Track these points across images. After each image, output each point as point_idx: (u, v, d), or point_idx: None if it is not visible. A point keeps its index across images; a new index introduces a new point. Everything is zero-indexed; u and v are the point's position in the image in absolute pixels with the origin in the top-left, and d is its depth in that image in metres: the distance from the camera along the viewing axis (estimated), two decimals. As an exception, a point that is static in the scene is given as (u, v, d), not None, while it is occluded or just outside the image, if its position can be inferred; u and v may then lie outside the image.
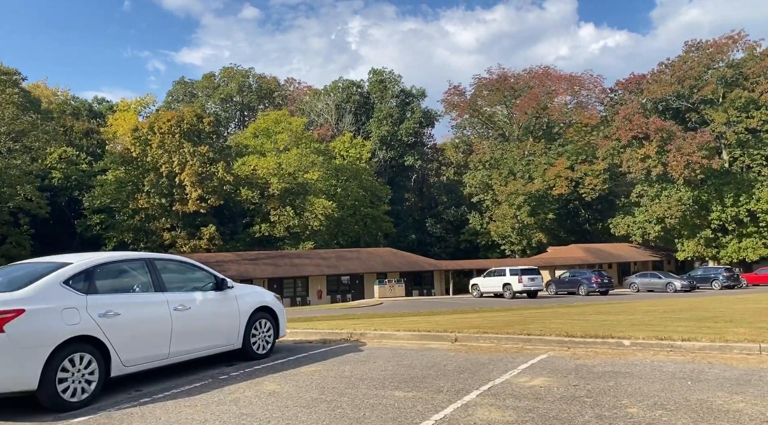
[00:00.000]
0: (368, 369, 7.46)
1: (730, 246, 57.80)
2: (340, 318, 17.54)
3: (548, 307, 22.38)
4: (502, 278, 33.63)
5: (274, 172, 48.27)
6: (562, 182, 61.99)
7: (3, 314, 5.60)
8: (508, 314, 17.21)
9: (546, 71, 66.00)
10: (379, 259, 45.76)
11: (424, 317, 17.04)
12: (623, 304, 22.48)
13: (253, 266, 41.12)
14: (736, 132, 56.15)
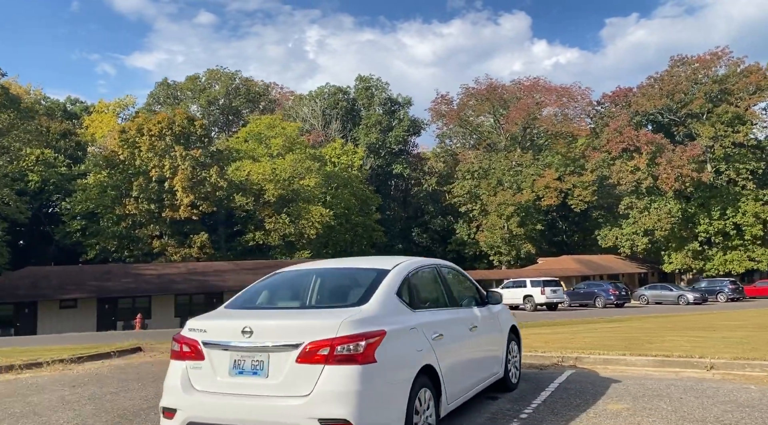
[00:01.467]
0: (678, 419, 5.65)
1: (716, 259, 58.71)
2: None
3: (613, 320, 21.46)
4: (523, 290, 32.73)
5: (269, 178, 46.34)
6: (552, 192, 61.93)
7: (370, 337, 4.14)
8: (610, 329, 16.10)
9: (536, 82, 66.10)
10: (381, 269, 44.30)
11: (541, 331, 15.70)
12: (680, 317, 21.77)
13: (253, 277, 38.89)
14: (723, 146, 57.17)
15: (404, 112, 71.60)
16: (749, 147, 59.93)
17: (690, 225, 59.83)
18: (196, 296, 37.10)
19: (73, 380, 7.95)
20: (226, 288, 37.16)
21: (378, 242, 61.28)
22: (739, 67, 60.36)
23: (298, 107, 70.17)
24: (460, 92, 70.14)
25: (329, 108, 69.36)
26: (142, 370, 8.72)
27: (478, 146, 70.87)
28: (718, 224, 57.75)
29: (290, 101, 70.99)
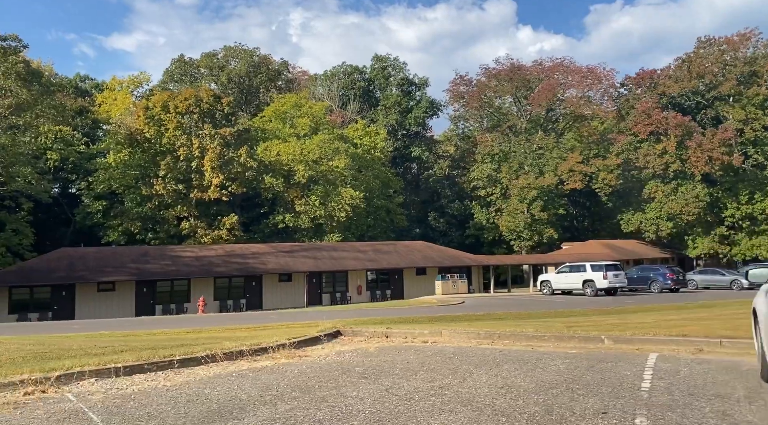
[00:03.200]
0: None
1: (743, 244, 58.03)
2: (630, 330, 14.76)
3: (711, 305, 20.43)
4: (583, 274, 31.63)
5: (299, 159, 44.74)
6: (576, 176, 60.84)
7: None
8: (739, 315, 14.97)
9: (560, 63, 64.69)
10: (417, 253, 43.13)
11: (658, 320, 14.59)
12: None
13: (292, 260, 37.71)
14: (754, 129, 56.30)
15: (422, 92, 70.06)
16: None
17: (716, 210, 59.06)
18: (235, 279, 35.68)
19: (345, 366, 6.67)
20: (265, 271, 35.81)
21: (399, 226, 60.04)
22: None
23: (313, 86, 68.32)
24: (479, 73, 68.70)
25: (346, 88, 67.62)
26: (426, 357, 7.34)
27: (497, 129, 69.46)
28: (745, 208, 56.99)
29: (303, 81, 69.09)
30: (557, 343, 8.29)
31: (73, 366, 6.30)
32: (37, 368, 6.20)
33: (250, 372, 6.52)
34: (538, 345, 8.29)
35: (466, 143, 75.64)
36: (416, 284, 41.15)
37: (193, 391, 5.69)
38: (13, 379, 5.83)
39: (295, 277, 37.28)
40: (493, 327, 10.05)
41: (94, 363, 6.37)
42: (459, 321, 18.87)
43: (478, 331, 9.12)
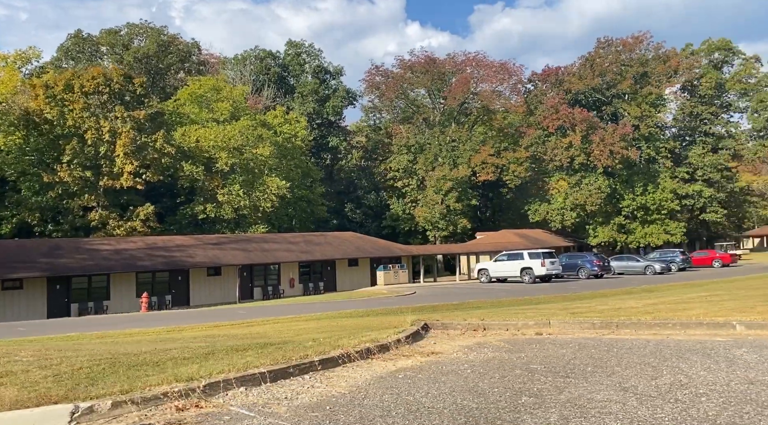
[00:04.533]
0: None
1: (637, 232, 62.80)
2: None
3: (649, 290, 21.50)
4: (521, 262, 32.43)
5: (221, 145, 42.22)
6: (488, 168, 62.83)
7: None
8: (726, 299, 15.79)
9: (474, 57, 66.23)
10: (349, 244, 42.27)
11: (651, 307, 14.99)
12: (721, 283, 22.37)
13: (222, 252, 35.44)
14: (648, 126, 60.98)
15: (338, 81, 68.94)
16: (665, 127, 64.59)
17: (614, 200, 63.36)
18: (160, 274, 32.92)
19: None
20: (192, 264, 33.40)
21: (319, 217, 58.82)
22: (659, 50, 64.48)
23: (222, 70, 64.96)
24: (394, 64, 68.84)
25: (259, 74, 64.96)
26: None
27: (411, 120, 70.00)
28: (640, 199, 61.60)
29: (212, 64, 65.51)
30: (685, 331, 8.01)
31: (198, 372, 5.02)
32: (127, 380, 4.88)
33: (410, 373, 5.57)
34: (667, 333, 7.95)
35: (377, 134, 75.67)
36: (349, 276, 40.37)
37: (387, 398, 4.69)
38: (155, 392, 4.51)
39: (224, 271, 35.12)
40: (600, 316, 9.53)
41: (234, 369, 5.11)
42: (440, 310, 18.47)
43: (591, 321, 8.65)
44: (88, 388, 4.72)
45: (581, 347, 6.95)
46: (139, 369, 5.49)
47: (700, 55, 66.50)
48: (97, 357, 6.51)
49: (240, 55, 66.92)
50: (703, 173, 62.77)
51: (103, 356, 6.44)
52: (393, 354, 6.53)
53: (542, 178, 67.91)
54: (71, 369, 5.64)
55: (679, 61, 63.59)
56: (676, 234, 61.80)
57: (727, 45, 66.12)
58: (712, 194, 62.13)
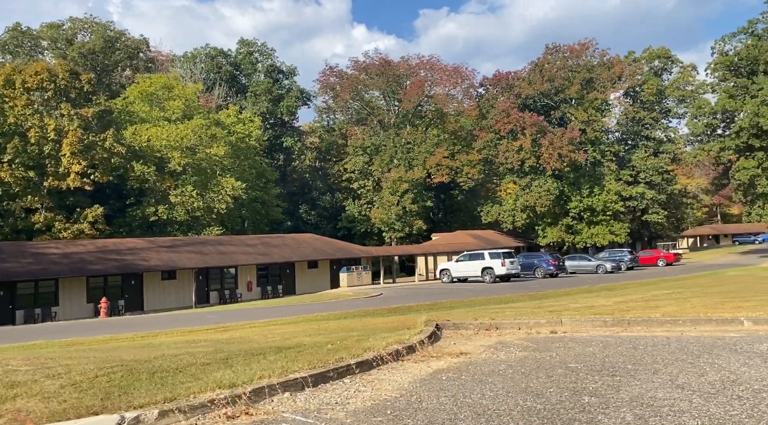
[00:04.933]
0: None
1: (584, 233, 64.77)
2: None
3: (612, 288, 22.20)
4: (482, 262, 32.85)
5: (173, 145, 40.97)
6: (443, 170, 63.56)
7: None
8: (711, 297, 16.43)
9: (427, 61, 66.85)
10: (308, 245, 41.77)
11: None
12: (673, 281, 23.29)
13: (177, 255, 34.33)
14: (594, 130, 63.06)
15: (292, 81, 68.23)
16: (610, 132, 67.01)
17: (562, 202, 65.17)
18: (112, 278, 31.59)
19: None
20: (147, 268, 32.24)
21: (274, 218, 57.98)
22: (604, 57, 66.80)
23: (172, 68, 63.14)
24: (348, 65, 68.70)
25: (210, 72, 63.49)
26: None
27: (365, 122, 70.05)
28: (587, 201, 63.58)
29: (161, 62, 63.64)
30: (695, 327, 8.21)
31: (237, 377, 4.76)
32: (165, 387, 4.59)
33: (452, 374, 5.46)
34: (679, 330, 8.12)
35: (331, 135, 75.37)
36: (309, 278, 39.89)
37: (444, 400, 4.58)
38: (200, 399, 4.24)
39: (180, 274, 34.05)
40: (610, 313, 9.63)
41: (275, 374, 4.88)
42: (416, 310, 18.46)
43: (603, 318, 8.75)
44: (123, 397, 4.41)
45: (605, 345, 7.04)
46: (164, 377, 5.19)
47: (641, 62, 69.24)
48: (105, 365, 6.12)
49: (190, 53, 65.23)
50: (645, 176, 65.31)
51: (110, 363, 6.06)
52: (421, 355, 6.43)
53: (494, 180, 69.23)
54: (86, 378, 5.28)
55: (623, 67, 66.02)
56: (620, 234, 64.02)
57: (666, 53, 69.13)
58: (653, 196, 64.73)
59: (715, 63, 52.38)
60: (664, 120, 69.22)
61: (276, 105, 63.56)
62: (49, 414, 3.96)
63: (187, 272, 34.11)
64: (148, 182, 41.01)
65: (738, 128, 45.90)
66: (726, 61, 50.08)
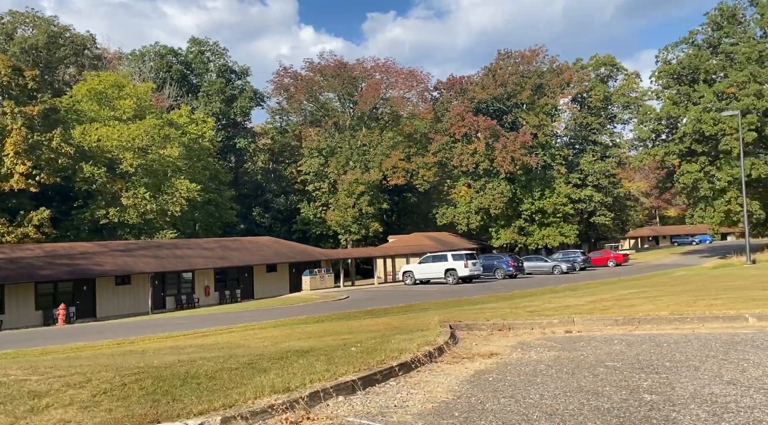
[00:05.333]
0: None
1: (535, 234, 66.32)
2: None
3: (581, 286, 22.75)
4: (445, 264, 33.06)
5: (125, 145, 39.51)
6: (399, 173, 63.87)
7: None
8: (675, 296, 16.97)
9: (383, 64, 67.06)
10: (266, 249, 41.04)
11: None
12: (632, 280, 24.10)
13: (132, 259, 33.04)
14: (545, 134, 64.72)
15: (245, 81, 67.09)
16: (559, 136, 68.95)
17: (514, 204, 66.55)
18: (62, 284, 30.11)
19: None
20: (101, 273, 30.93)
21: (227, 221, 56.76)
22: (554, 64, 68.70)
23: (119, 66, 61.01)
24: (303, 66, 68.15)
25: (161, 71, 61.65)
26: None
27: (320, 124, 69.60)
28: (538, 203, 65.14)
29: (108, 59, 61.37)
30: (704, 324, 8.39)
31: (288, 382, 4.54)
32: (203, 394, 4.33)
33: (496, 375, 5.37)
34: (688, 327, 8.28)
35: (284, 136, 74.57)
36: (267, 282, 39.20)
37: (505, 401, 4.49)
38: (260, 405, 4.00)
39: (134, 279, 32.81)
40: (619, 312, 9.73)
41: (325, 378, 4.67)
42: (392, 313, 18.39)
43: (614, 318, 8.84)
44: (174, 405, 4.14)
45: (629, 343, 7.14)
46: (199, 383, 4.91)
47: (588, 69, 71.57)
48: (122, 372, 5.75)
49: (138, 51, 63.19)
50: (593, 179, 67.44)
51: (125, 370, 5.69)
52: (451, 356, 6.34)
53: (447, 182, 70.02)
54: (114, 386, 4.94)
55: (572, 74, 68.06)
56: (570, 236, 65.85)
57: (612, 61, 71.71)
58: (601, 199, 66.91)
59: (659, 71, 54.65)
60: (610, 125, 71.80)
61: (229, 106, 62.32)
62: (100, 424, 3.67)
63: (143, 277, 32.91)
64: (97, 183, 39.35)
65: (681, 134, 48.00)
66: (669, 69, 52.32)
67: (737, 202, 45.57)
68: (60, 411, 4.08)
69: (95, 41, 52.08)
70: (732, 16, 51.55)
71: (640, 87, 70.88)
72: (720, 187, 46.02)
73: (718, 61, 50.11)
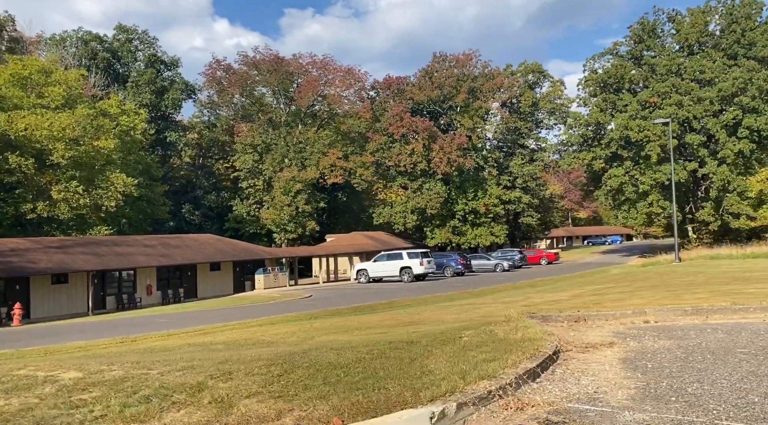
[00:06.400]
0: None
1: (468, 234, 68.17)
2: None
3: (538, 283, 23.71)
4: (400, 262, 33.31)
5: (56, 135, 36.93)
6: (337, 171, 63.68)
7: None
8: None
9: (321, 60, 66.55)
10: (209, 246, 39.63)
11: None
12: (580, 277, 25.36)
13: (69, 257, 30.90)
14: (479, 137, 66.71)
15: (175, 72, 64.46)
16: (490, 139, 71.30)
17: (449, 205, 68.07)
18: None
19: None
20: (35, 271, 28.79)
21: (158, 218, 54.31)
22: (486, 69, 70.90)
23: (36, 51, 56.85)
24: (236, 59, 66.49)
25: (84, 58, 58.01)
26: None
27: (252, 119, 68.07)
28: (472, 204, 66.99)
29: (29, 42, 57.07)
30: (765, 314, 8.87)
31: (475, 368, 4.50)
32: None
33: (658, 358, 5.44)
34: (752, 317, 8.70)
35: (212, 131, 72.35)
36: (210, 281, 37.90)
37: (709, 386, 4.62)
38: (479, 391, 3.94)
39: (72, 278, 30.75)
40: (694, 302, 10.01)
41: (506, 366, 4.64)
42: (380, 309, 18.35)
43: (683, 308, 9.19)
44: (384, 392, 4.01)
45: (728, 331, 7.54)
46: (365, 369, 4.76)
47: (518, 75, 74.45)
48: (252, 362, 5.45)
49: (58, 36, 59.17)
50: (521, 182, 70.19)
51: (256, 361, 5.41)
52: (571, 345, 6.46)
53: (382, 182, 70.49)
54: (272, 375, 4.71)
55: (503, 79, 70.53)
56: (500, 236, 68.17)
57: (539, 68, 74.98)
58: (529, 200, 69.74)
59: (586, 79, 57.80)
60: (536, 130, 75.07)
61: (160, 97, 59.67)
62: (349, 410, 3.51)
63: (81, 276, 30.90)
64: (25, 175, 36.50)
65: (609, 139, 50.96)
66: (597, 78, 55.42)
67: (658, 204, 49.02)
68: (251, 401, 3.86)
69: (14, 22, 48.23)
70: (652, 30, 55.38)
71: (564, 94, 74.65)
72: (643, 190, 49.27)
73: (641, 71, 53.68)
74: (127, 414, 3.90)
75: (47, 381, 5.01)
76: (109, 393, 4.45)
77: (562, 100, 74.67)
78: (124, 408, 4.04)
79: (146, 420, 3.77)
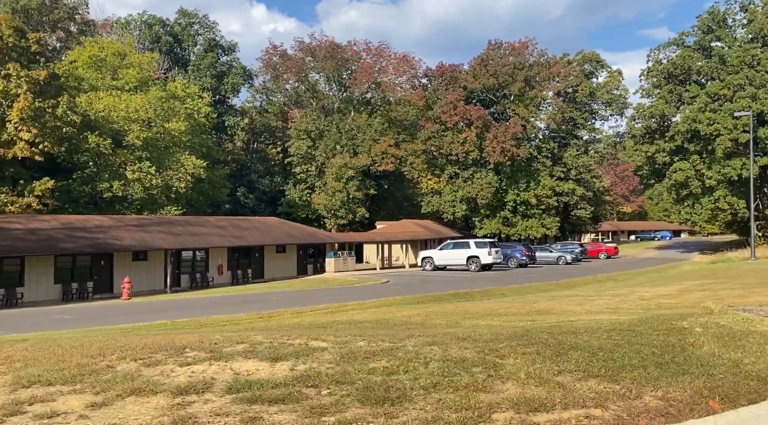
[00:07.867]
0: None
1: (519, 225, 67.51)
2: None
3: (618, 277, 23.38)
4: (467, 251, 33.35)
5: (132, 117, 37.94)
6: (389, 158, 63.69)
7: None
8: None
9: (377, 48, 66.48)
10: (276, 229, 40.34)
11: None
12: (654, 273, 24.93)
13: (148, 235, 31.85)
14: (533, 127, 65.82)
15: (233, 57, 65.31)
16: (545, 129, 70.30)
17: (499, 195, 67.46)
18: (81, 258, 28.80)
19: None
20: (120, 248, 29.78)
21: (219, 200, 55.42)
22: (542, 57, 69.71)
23: (106, 34, 58.29)
24: (293, 46, 66.89)
25: (148, 41, 59.26)
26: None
27: (304, 105, 68.56)
28: (523, 194, 66.25)
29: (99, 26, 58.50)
30: None
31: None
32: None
33: None
34: None
35: (263, 116, 73.16)
36: (277, 263, 38.60)
37: None
38: None
39: (151, 256, 31.72)
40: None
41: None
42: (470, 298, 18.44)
43: None
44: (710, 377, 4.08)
45: None
46: (630, 356, 4.83)
47: (574, 64, 73.06)
48: (507, 338, 5.59)
49: (123, 20, 60.50)
50: (575, 173, 69.08)
51: (504, 337, 5.56)
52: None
53: (432, 170, 70.21)
54: (547, 356, 4.84)
55: (560, 68, 69.27)
56: (551, 228, 67.31)
57: (596, 58, 73.47)
58: (582, 193, 68.66)
59: (650, 70, 56.35)
60: (591, 121, 73.68)
61: (219, 82, 60.59)
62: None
63: (159, 254, 31.84)
64: (103, 155, 37.66)
65: (674, 132, 49.70)
66: (662, 69, 53.98)
67: (725, 200, 47.69)
68: (564, 378, 3.97)
69: (87, 5, 49.54)
70: (723, 20, 53.59)
71: (622, 85, 73.04)
72: (709, 185, 48.01)
73: (710, 63, 52.08)
74: (461, 383, 4.05)
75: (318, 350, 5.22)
76: (403, 363, 4.61)
77: (620, 91, 73.11)
78: (446, 377, 4.19)
79: (486, 388, 3.91)
